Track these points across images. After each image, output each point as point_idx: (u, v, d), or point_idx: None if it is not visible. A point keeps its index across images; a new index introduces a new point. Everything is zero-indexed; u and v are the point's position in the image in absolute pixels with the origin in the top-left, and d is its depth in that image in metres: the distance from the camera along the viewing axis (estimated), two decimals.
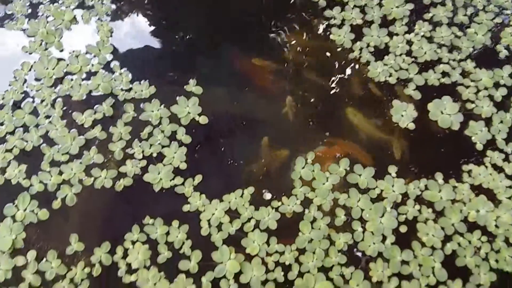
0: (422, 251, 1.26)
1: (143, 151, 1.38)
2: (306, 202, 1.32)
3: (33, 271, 1.25)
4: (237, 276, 1.24)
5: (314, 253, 1.26)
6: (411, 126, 1.41)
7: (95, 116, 1.42)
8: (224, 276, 1.24)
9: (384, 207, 1.29)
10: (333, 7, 1.61)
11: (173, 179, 1.34)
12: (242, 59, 1.55)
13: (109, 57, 1.53)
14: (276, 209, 1.31)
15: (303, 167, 1.35)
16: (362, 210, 1.30)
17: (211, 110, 1.45)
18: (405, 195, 1.32)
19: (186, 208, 1.31)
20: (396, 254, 1.25)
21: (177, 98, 1.45)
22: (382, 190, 1.32)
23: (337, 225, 1.29)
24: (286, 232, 1.29)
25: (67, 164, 1.36)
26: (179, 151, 1.38)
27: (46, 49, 1.55)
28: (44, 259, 1.26)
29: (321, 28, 1.60)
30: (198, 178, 1.35)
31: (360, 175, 1.34)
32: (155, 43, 1.60)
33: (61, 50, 1.55)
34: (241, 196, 1.32)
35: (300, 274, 1.24)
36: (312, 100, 1.48)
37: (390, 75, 1.49)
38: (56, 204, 1.32)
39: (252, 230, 1.28)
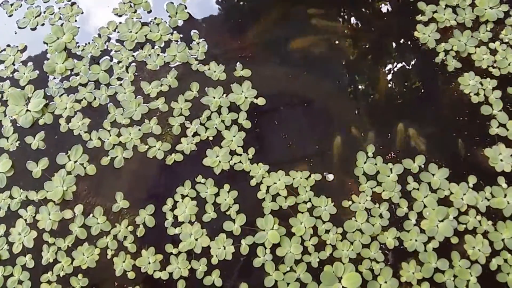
0: (460, 262, 1.27)
1: (197, 133, 1.46)
2: (375, 197, 1.37)
3: (80, 225, 1.38)
4: (274, 247, 1.31)
5: (352, 243, 1.31)
6: None
7: (161, 88, 1.53)
8: (263, 244, 1.31)
9: (448, 213, 1.31)
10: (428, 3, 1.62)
11: (231, 159, 1.43)
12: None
13: (180, 23, 1.63)
14: (348, 207, 1.35)
15: (365, 162, 1.39)
16: (425, 206, 1.33)
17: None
18: (472, 207, 1.32)
19: (253, 182, 1.39)
20: (432, 260, 1.27)
21: (231, 85, 1.52)
22: (451, 193, 1.33)
23: (398, 215, 1.33)
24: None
25: (127, 128, 1.48)
26: (238, 135, 1.45)
27: (135, 11, 1.66)
28: (91, 215, 1.38)
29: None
30: (252, 151, 1.43)
31: (433, 175, 1.36)
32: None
33: (149, 12, 1.66)
34: (307, 178, 1.39)
35: (331, 259, 1.30)
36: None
37: (477, 94, 1.46)
38: (104, 161, 1.44)
39: (303, 213, 1.35)
